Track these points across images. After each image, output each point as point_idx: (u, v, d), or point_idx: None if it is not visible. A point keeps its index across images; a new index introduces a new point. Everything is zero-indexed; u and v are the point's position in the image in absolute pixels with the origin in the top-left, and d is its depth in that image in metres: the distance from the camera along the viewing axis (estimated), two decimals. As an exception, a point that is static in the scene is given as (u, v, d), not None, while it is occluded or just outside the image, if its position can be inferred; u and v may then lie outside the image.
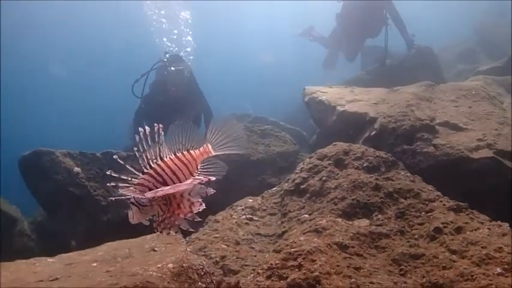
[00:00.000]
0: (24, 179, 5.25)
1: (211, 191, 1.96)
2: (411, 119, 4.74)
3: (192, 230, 2.00)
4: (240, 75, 23.38)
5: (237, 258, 3.31)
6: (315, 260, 2.67)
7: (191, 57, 8.57)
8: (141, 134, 1.88)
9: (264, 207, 4.17)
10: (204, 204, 1.97)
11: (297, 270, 2.64)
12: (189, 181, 1.90)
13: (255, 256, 3.36)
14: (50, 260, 2.93)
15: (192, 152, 1.97)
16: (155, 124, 1.93)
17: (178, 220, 1.94)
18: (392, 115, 4.86)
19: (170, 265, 2.16)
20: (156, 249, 2.55)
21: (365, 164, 3.92)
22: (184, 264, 2.22)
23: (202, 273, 2.32)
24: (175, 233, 1.98)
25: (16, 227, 6.31)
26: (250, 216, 4.03)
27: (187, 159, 1.94)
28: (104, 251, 2.85)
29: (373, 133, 4.83)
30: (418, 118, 4.76)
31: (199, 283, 2.25)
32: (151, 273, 2.06)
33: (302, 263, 2.66)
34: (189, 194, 1.92)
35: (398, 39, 9.05)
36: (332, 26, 10.03)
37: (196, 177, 1.95)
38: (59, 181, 4.86)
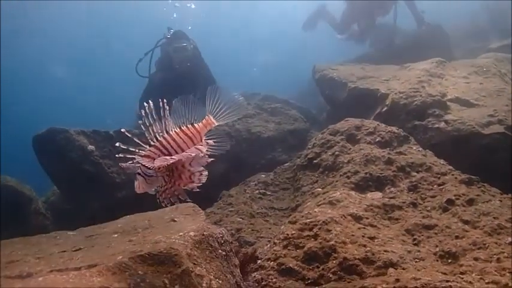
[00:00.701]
0: (39, 157, 5.31)
1: (210, 159, 2.00)
2: (422, 95, 4.75)
3: (189, 200, 2.06)
4: (248, 55, 23.32)
5: (252, 230, 3.38)
6: (330, 230, 2.73)
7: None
8: (146, 108, 1.92)
9: (277, 182, 4.24)
10: (206, 173, 2.01)
11: (313, 239, 2.71)
12: (192, 149, 1.94)
13: (269, 228, 3.44)
14: (70, 233, 2.97)
15: (195, 125, 2.02)
16: (160, 99, 1.98)
17: (178, 190, 2.00)
18: (404, 91, 4.87)
19: (192, 233, 2.21)
20: (175, 219, 2.60)
21: (377, 139, 3.95)
22: (205, 233, 2.27)
23: (222, 242, 2.38)
24: (174, 203, 2.04)
25: (31, 206, 6.43)
26: (264, 191, 4.10)
27: (191, 132, 1.99)
28: (123, 223, 2.89)
29: (384, 109, 4.85)
30: (429, 94, 4.76)
31: (220, 250, 2.31)
32: (174, 240, 2.11)
33: (318, 232, 2.72)
34: (190, 164, 1.97)
35: (408, 17, 8.98)
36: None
37: (197, 146, 1.99)
38: (73, 159, 4.92)
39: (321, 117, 7.80)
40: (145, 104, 1.95)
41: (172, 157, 1.90)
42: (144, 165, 1.92)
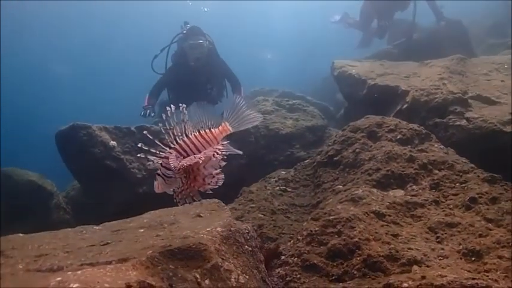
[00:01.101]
0: (61, 153, 5.40)
1: (223, 163, 2.07)
2: (443, 92, 4.73)
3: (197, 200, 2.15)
4: (262, 51, 23.37)
5: (274, 226, 3.41)
6: (354, 227, 2.75)
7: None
8: (168, 112, 1.99)
9: (297, 179, 4.25)
10: (222, 175, 2.07)
11: (336, 236, 2.73)
12: (210, 149, 2.01)
13: (291, 225, 3.46)
14: (96, 227, 3.01)
15: (212, 130, 2.09)
16: (180, 104, 2.06)
17: (193, 192, 2.08)
18: (424, 88, 4.85)
19: (219, 229, 2.25)
20: (201, 215, 2.64)
21: (398, 136, 3.95)
22: (231, 228, 2.31)
23: (248, 237, 2.42)
24: (189, 203, 2.11)
25: (52, 201, 6.55)
26: (284, 187, 4.12)
27: (209, 137, 2.06)
28: (148, 218, 2.93)
29: (404, 106, 4.84)
30: (450, 91, 4.73)
31: (246, 246, 2.34)
32: (202, 235, 2.15)
33: (341, 229, 2.74)
34: (204, 167, 2.04)
35: (425, 13, 8.92)
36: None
37: (216, 146, 2.06)
38: (95, 154, 4.99)
39: (338, 114, 7.80)
40: (167, 108, 2.01)
41: (200, 155, 1.96)
42: (164, 167, 2.00)
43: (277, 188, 4.11)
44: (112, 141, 5.04)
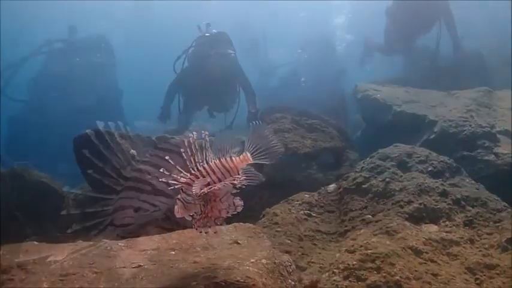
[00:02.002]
0: (78, 158, 5.29)
1: (239, 202, 2.02)
2: (472, 125, 4.69)
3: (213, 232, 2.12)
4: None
5: (302, 254, 3.32)
6: (394, 264, 2.67)
7: None
8: (190, 139, 1.95)
9: (321, 204, 4.16)
10: (242, 202, 2.02)
11: (375, 272, 2.65)
12: (227, 181, 1.98)
13: (319, 253, 3.37)
14: (120, 243, 2.88)
15: (233, 159, 2.05)
16: (203, 131, 2.02)
17: (209, 222, 2.04)
18: (453, 119, 4.81)
19: (264, 260, 2.15)
20: (239, 242, 2.55)
21: (429, 168, 3.89)
22: (276, 261, 2.22)
23: (291, 270, 2.32)
24: (206, 233, 2.04)
25: (62, 204, 6.42)
26: (309, 211, 4.03)
27: (229, 165, 2.02)
28: (177, 239, 2.79)
29: (432, 136, 4.80)
30: (479, 125, 4.70)
31: (289, 280, 2.25)
32: (247, 268, 2.06)
33: (381, 265, 2.66)
34: (220, 200, 2.00)
35: (447, 42, 8.89)
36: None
37: (234, 177, 2.02)
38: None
39: (354, 136, 7.70)
40: (189, 134, 1.99)
41: (218, 185, 1.93)
42: (184, 192, 1.97)
43: (302, 212, 4.01)
44: (132, 150, 4.94)
